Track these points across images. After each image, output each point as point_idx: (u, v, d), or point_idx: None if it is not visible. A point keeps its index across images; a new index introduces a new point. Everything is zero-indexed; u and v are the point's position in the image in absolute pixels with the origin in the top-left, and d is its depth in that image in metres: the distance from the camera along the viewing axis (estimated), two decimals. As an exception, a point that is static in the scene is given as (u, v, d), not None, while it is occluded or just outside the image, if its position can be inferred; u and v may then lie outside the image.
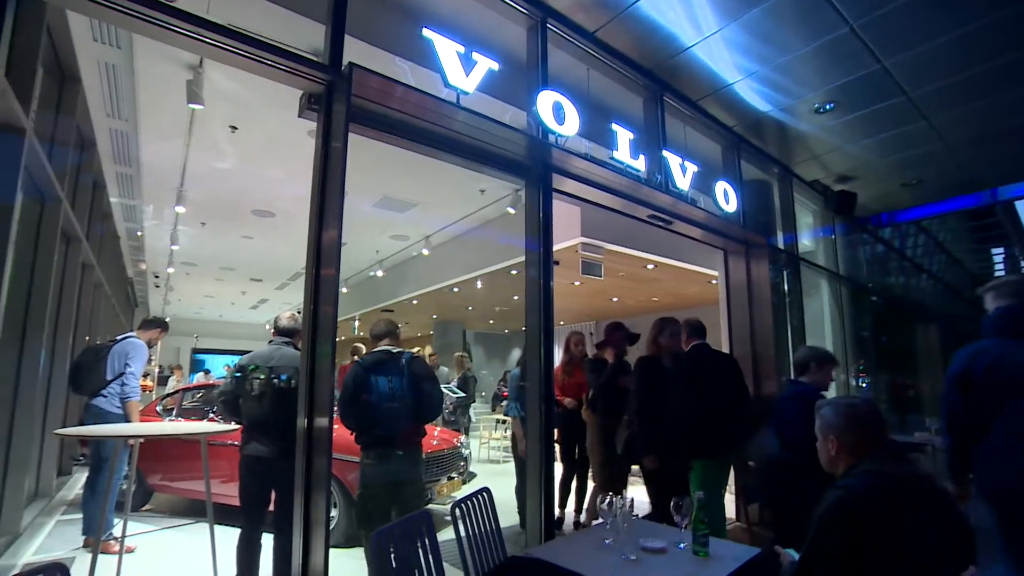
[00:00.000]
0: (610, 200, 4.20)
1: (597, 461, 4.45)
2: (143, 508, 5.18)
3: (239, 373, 3.28)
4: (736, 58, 4.24)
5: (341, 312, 2.85)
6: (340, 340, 2.61)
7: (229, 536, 3.15)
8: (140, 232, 8.87)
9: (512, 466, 7.94)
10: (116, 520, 4.00)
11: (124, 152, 5.68)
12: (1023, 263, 15.41)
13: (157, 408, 5.60)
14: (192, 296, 15.45)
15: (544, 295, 3.38)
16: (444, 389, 7.72)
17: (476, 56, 3.11)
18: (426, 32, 2.99)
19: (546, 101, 3.48)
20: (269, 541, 3.11)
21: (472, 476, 5.38)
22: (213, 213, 7.77)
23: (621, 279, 9.09)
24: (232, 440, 3.32)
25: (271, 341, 3.40)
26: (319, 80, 2.62)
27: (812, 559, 1.69)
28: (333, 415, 2.48)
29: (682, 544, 2.23)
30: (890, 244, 10.02)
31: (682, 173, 4.54)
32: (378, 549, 1.95)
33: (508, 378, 3.87)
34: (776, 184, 6.34)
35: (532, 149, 3.45)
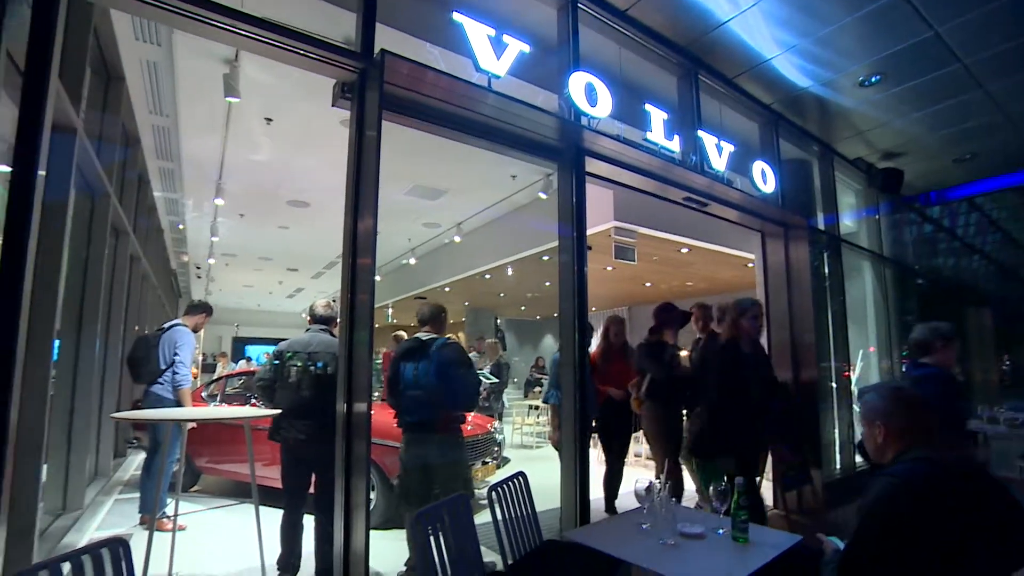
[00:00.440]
0: (644, 183, 4.12)
1: (660, 456, 4.12)
2: (192, 489, 5.42)
3: (277, 360, 3.38)
4: (775, 31, 4.07)
5: (375, 300, 2.90)
6: (375, 327, 2.65)
7: (272, 516, 3.27)
8: (182, 225, 9.18)
9: (545, 451, 8.03)
10: (169, 500, 4.20)
11: (166, 147, 5.87)
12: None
13: (203, 394, 5.83)
14: (232, 286, 15.96)
15: (578, 281, 3.35)
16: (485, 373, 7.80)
17: (507, 39, 3.08)
18: (456, 16, 2.97)
19: (578, 82, 3.43)
20: (310, 522, 3.22)
21: (506, 461, 5.43)
22: (250, 204, 7.97)
23: (654, 264, 8.96)
24: (264, 425, 3.43)
25: (308, 329, 3.48)
26: (352, 68, 2.64)
27: (858, 549, 1.64)
28: (371, 400, 2.53)
29: (721, 530, 2.21)
30: (939, 223, 9.56)
31: (718, 153, 4.42)
32: (417, 530, 1.99)
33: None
34: (816, 163, 6.11)
35: (564, 132, 3.41)
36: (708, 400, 3.38)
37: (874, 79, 4.64)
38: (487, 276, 9.95)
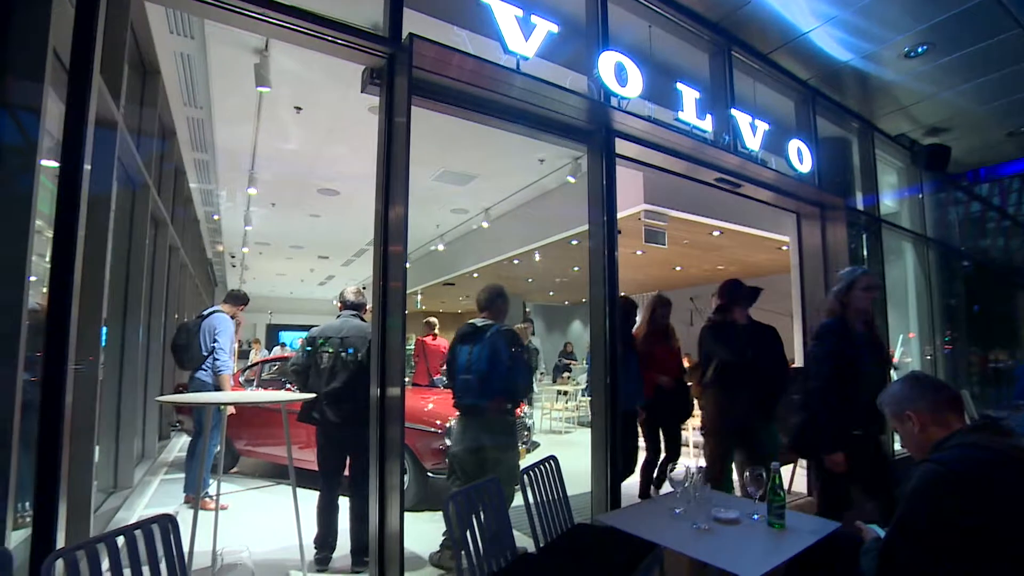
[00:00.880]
0: (675, 164, 4.04)
1: (714, 452, 3.68)
2: (231, 471, 5.62)
3: (310, 346, 3.45)
4: (812, 3, 3.91)
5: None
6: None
7: (307, 497, 3.37)
8: (217, 216, 9.42)
9: (574, 436, 8.06)
10: (211, 480, 4.36)
11: (200, 139, 6.00)
12: None
13: (240, 379, 6.01)
14: (265, 274, 16.33)
15: (608, 265, 3.32)
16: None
17: (535, 19, 3.03)
18: (483, -3, 2.94)
19: (607, 62, 3.36)
20: (345, 502, 3.30)
21: (536, 446, 5.47)
22: (282, 193, 8.11)
23: (685, 247, 8.81)
24: (298, 408, 3.52)
25: (339, 315, 3.54)
26: (380, 53, 2.64)
27: (900, 537, 1.60)
28: (404, 386, 2.57)
29: (756, 515, 2.17)
30: (988, 202, 9.11)
31: (752, 132, 4.29)
32: (451, 512, 2.02)
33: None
34: (856, 140, 5.89)
35: (594, 113, 3.36)
36: (817, 390, 2.82)
37: (920, 49, 4.42)
38: (515, 262, 9.94)
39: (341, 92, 4.74)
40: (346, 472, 3.35)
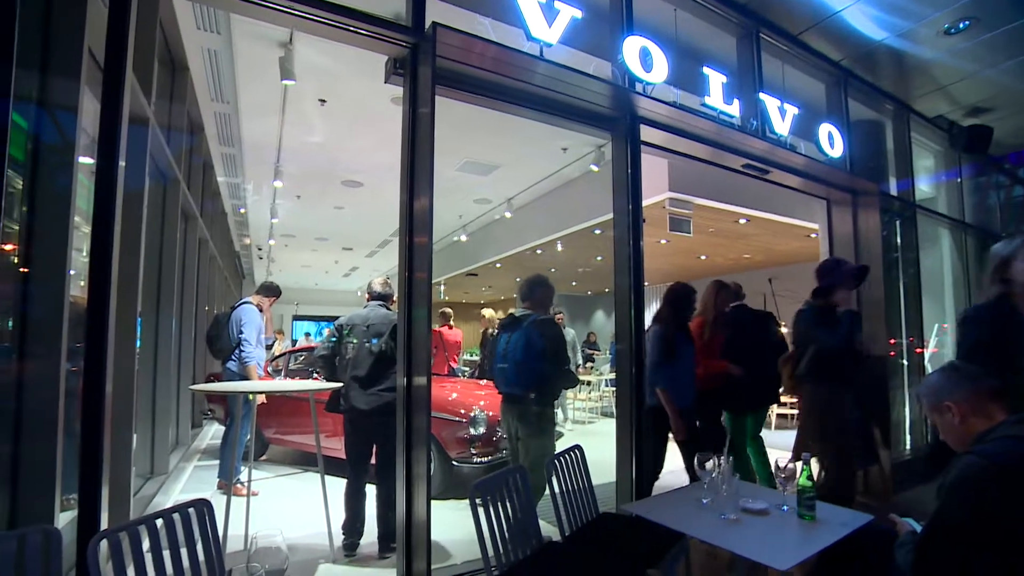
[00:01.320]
0: (701, 150, 3.96)
1: (832, 455, 3.34)
2: (261, 458, 5.76)
3: (334, 337, 3.51)
4: (846, -20, 3.78)
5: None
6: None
7: (334, 484, 3.44)
8: (243, 209, 9.59)
9: (598, 426, 8.04)
10: (242, 467, 4.48)
11: (227, 133, 6.10)
12: None
13: (268, 369, 6.14)
14: (291, 266, 16.62)
15: (633, 254, 3.29)
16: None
17: (558, 5, 2.98)
18: (506, -16, 2.91)
19: (632, 47, 3.30)
20: (372, 490, 3.36)
21: (560, 435, 5.47)
22: (307, 186, 8.21)
23: (710, 235, 8.67)
24: (326, 398, 3.59)
25: (366, 304, 3.59)
26: (404, 43, 2.64)
27: (938, 531, 1.56)
28: (430, 375, 2.59)
29: (785, 507, 2.14)
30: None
31: (780, 117, 4.18)
32: (475, 500, 2.03)
33: (647, 339, 3.41)
34: (890, 123, 5.69)
35: (618, 99, 3.31)
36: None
37: (962, 25, 4.22)
38: (538, 251, 9.92)
39: (365, 83, 4.76)
40: (372, 460, 3.41)
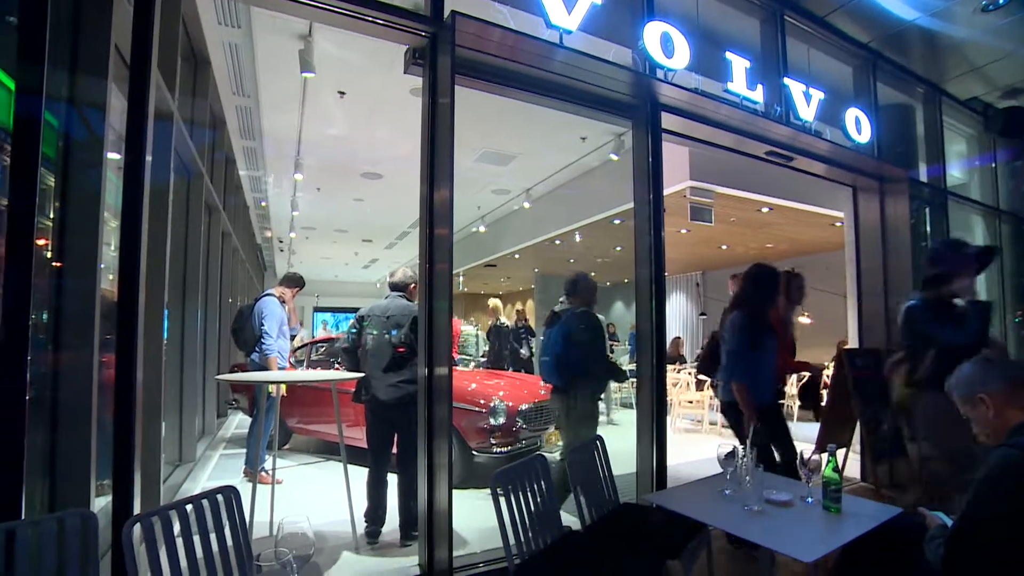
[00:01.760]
0: (723, 138, 3.90)
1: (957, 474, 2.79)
2: (284, 447, 5.87)
3: (354, 328, 3.55)
4: (876, -40, 3.65)
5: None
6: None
7: (356, 473, 3.48)
8: (264, 202, 9.72)
9: (616, 416, 7.98)
10: (267, 456, 4.58)
11: (248, 127, 6.17)
12: None
13: (291, 360, 6.23)
14: (311, 258, 16.81)
15: (654, 244, 3.25)
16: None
17: (578, -10, 2.94)
18: (524, -29, 2.88)
19: (653, 33, 3.24)
20: (393, 479, 3.40)
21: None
22: (327, 178, 8.29)
23: (732, 225, 8.53)
24: (349, 388, 3.64)
25: (387, 295, 3.62)
26: (423, 33, 2.64)
27: (970, 525, 1.52)
28: (452, 366, 2.60)
29: (810, 499, 2.12)
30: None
31: (806, 102, 4.08)
32: (498, 488, 2.04)
33: (727, 326, 3.15)
34: (920, 107, 5.52)
35: (639, 87, 3.26)
36: None
37: (1001, 1, 4.05)
38: (557, 242, 9.87)
39: (383, 75, 4.77)
40: (394, 450, 3.45)
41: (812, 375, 3.77)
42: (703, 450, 5.86)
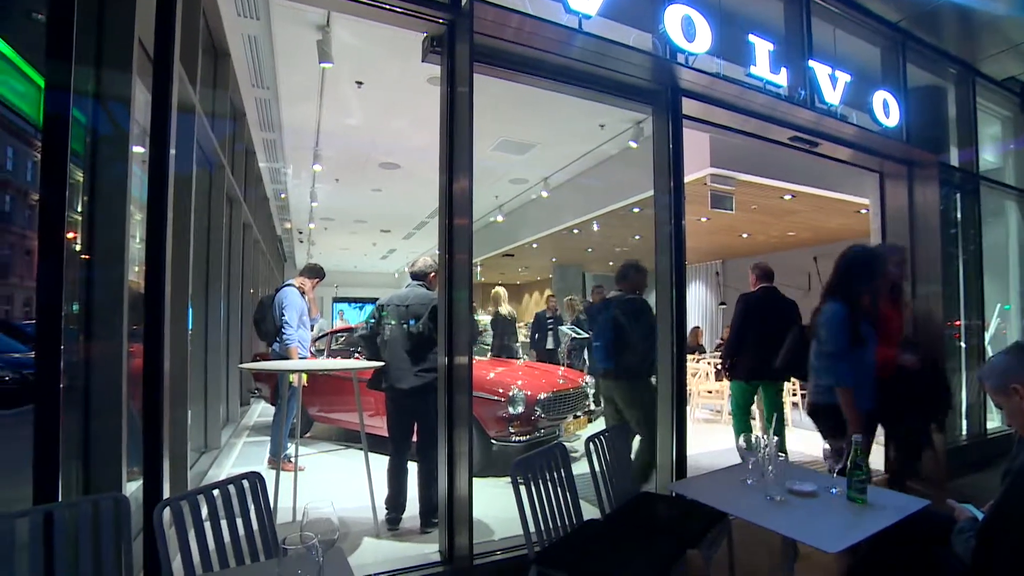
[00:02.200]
0: (746, 123, 3.81)
1: None
2: (306, 435, 5.98)
3: (373, 318, 3.58)
4: (907, -65, 3.52)
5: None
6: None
7: (377, 461, 3.53)
8: (284, 194, 9.82)
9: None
10: (289, 444, 4.67)
11: (268, 118, 6.23)
12: None
13: (312, 349, 6.32)
14: (330, 249, 16.98)
15: (675, 232, 3.21)
16: (566, 329, 7.84)
17: (597, -26, 2.89)
18: (542, -45, 2.84)
19: (674, 16, 3.17)
20: (414, 466, 3.44)
21: (596, 415, 5.47)
22: (345, 169, 8.33)
23: (753, 213, 8.37)
24: (368, 376, 3.68)
25: (408, 284, 3.64)
26: (441, 20, 2.62)
27: (1002, 518, 1.49)
28: (472, 356, 2.61)
29: (835, 489, 2.08)
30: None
31: (831, 85, 3.97)
32: (517, 477, 2.05)
33: (821, 320, 2.79)
34: (952, 88, 5.33)
35: (659, 71, 3.21)
36: None
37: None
38: (575, 231, 9.82)
39: (401, 64, 4.76)
40: (414, 438, 3.48)
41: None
42: (722, 440, 5.82)
